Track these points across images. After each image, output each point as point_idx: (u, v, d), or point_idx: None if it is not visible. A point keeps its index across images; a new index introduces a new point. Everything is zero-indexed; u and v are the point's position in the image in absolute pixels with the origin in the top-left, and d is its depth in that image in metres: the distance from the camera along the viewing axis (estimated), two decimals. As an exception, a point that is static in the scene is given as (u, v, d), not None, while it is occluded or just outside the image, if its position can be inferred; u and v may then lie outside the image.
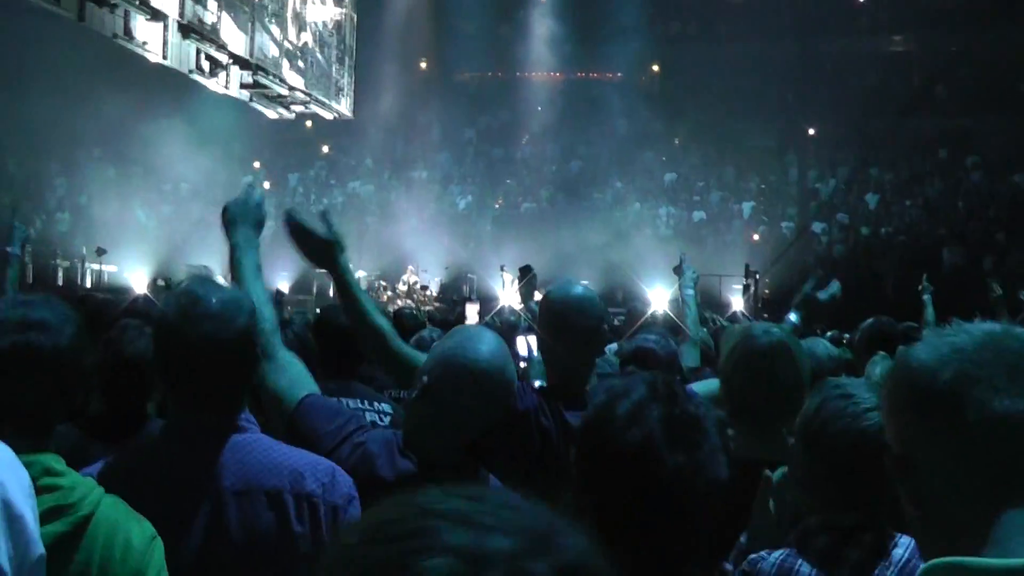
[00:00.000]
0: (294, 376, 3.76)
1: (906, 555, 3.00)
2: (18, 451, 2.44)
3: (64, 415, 2.91)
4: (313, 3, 27.03)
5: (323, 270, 4.40)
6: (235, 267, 3.99)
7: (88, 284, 28.10)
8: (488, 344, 3.53)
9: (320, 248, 4.29)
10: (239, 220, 4.06)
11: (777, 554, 3.08)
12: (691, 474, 2.19)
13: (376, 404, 5.35)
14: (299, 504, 3.12)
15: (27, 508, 2.34)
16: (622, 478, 2.20)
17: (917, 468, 1.81)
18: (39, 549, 2.35)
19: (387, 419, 5.34)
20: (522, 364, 6.74)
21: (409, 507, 1.08)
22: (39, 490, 2.47)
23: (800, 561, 3.04)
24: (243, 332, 3.18)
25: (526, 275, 9.49)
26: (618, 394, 2.32)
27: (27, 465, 2.45)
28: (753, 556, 3.09)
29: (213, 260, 20.32)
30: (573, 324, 4.47)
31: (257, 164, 38.72)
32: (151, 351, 3.40)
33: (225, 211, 4.10)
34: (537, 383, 4.91)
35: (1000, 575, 1.62)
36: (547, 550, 1.02)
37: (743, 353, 4.10)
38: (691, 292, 7.57)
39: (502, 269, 26.65)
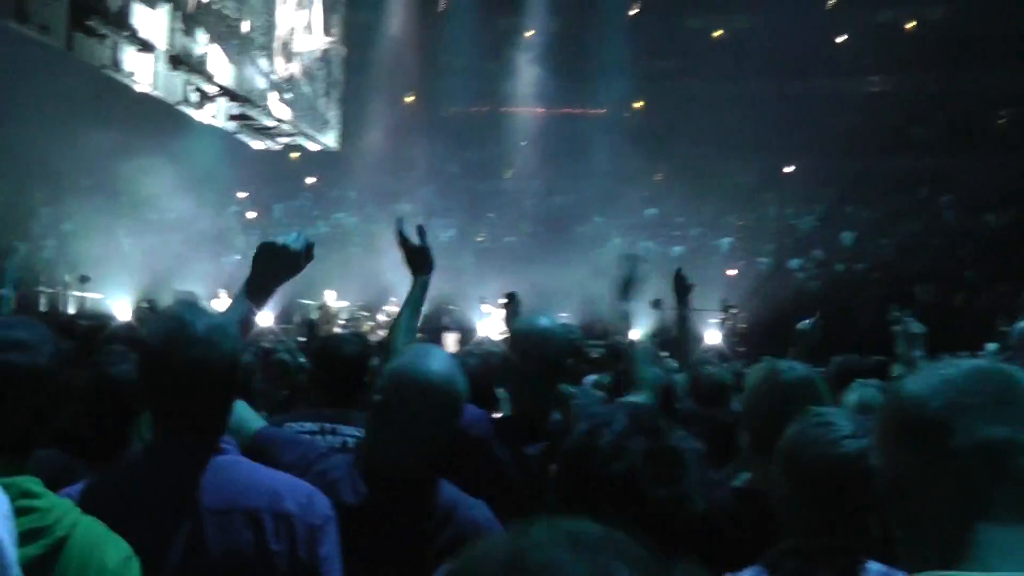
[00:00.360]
0: (240, 414, 3.75)
1: None
2: (-4, 473, 2.42)
3: (44, 437, 2.88)
4: (300, 34, 27.07)
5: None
6: (233, 302, 3.94)
7: (72, 311, 27.99)
8: (436, 359, 3.57)
9: (419, 258, 4.72)
10: (258, 267, 3.98)
11: (746, 573, 3.10)
12: (672, 507, 2.19)
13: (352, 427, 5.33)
14: (277, 523, 3.13)
15: (5, 532, 2.33)
16: (604, 506, 2.18)
17: (907, 491, 1.89)
18: (15, 572, 2.33)
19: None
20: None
21: (534, 540, 1.06)
22: (16, 512, 2.46)
23: None
24: (228, 357, 3.20)
25: (511, 302, 9.43)
26: (600, 423, 2.31)
27: (4, 487, 2.43)
28: None
29: (198, 285, 20.30)
30: (536, 355, 4.47)
31: (243, 194, 38.71)
32: (134, 374, 3.39)
33: (259, 246, 4.03)
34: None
35: None
36: (662, 573, 1.05)
37: (768, 388, 4.13)
38: (688, 313, 7.44)
39: (482, 301, 26.68)
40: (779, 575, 3.06)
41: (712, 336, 21.33)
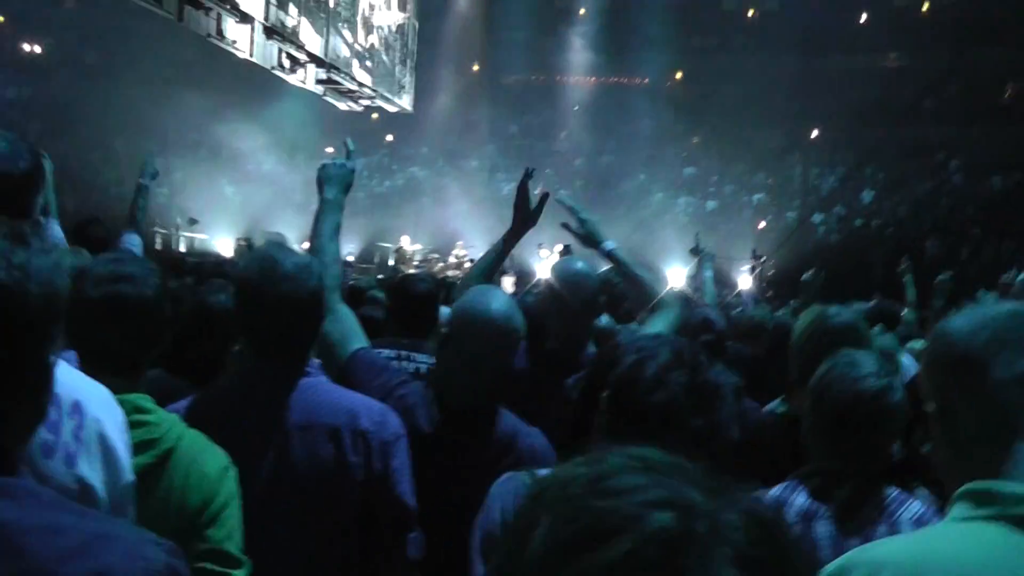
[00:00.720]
0: (347, 329, 3.82)
1: (887, 499, 3.08)
2: (112, 391, 2.42)
3: (151, 358, 2.89)
4: (379, 9, 27.00)
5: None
6: (317, 223, 4.01)
7: (182, 249, 28.28)
8: (497, 298, 3.55)
9: (524, 215, 4.73)
10: (332, 180, 4.10)
11: (776, 490, 3.15)
12: (709, 435, 2.18)
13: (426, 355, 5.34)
14: (355, 438, 3.17)
15: (120, 441, 2.35)
16: (646, 434, 2.16)
17: (953, 417, 1.93)
18: (129, 476, 2.35)
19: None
20: None
21: (610, 465, 1.04)
22: (130, 426, 2.48)
23: (795, 494, 3.11)
24: (314, 292, 3.22)
25: (566, 254, 9.44)
26: (646, 356, 2.29)
27: (120, 403, 2.44)
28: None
29: (288, 229, 20.44)
30: (571, 295, 4.45)
31: (330, 149, 38.82)
32: (230, 304, 3.40)
33: (322, 169, 4.13)
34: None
35: (1020, 499, 1.76)
36: (731, 500, 1.01)
37: (816, 329, 4.17)
38: (710, 275, 7.68)
39: (540, 247, 26.67)
40: (803, 491, 3.10)
41: (744, 281, 21.16)
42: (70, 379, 2.26)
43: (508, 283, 22.70)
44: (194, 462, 2.73)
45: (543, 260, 25.62)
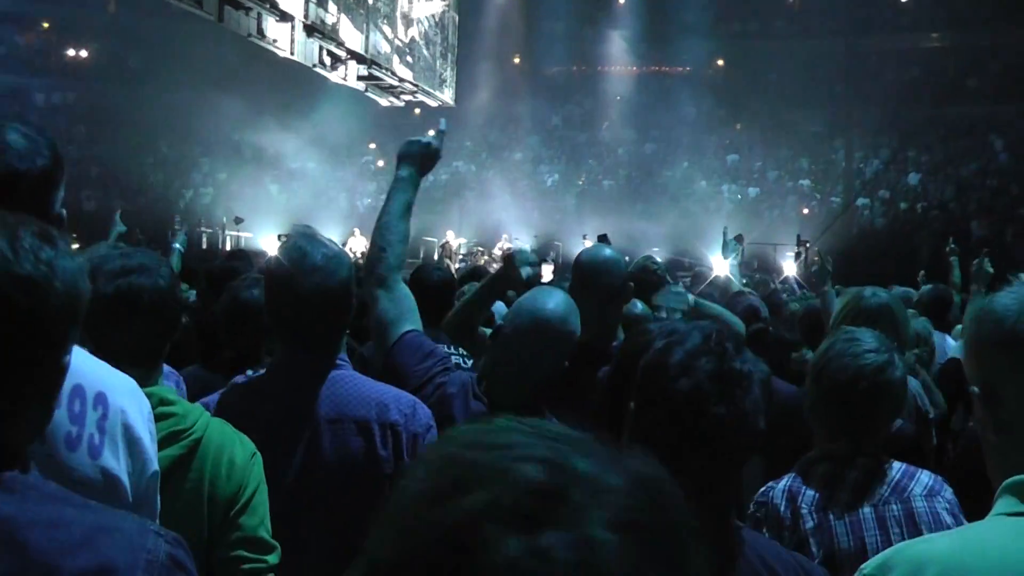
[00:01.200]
0: (403, 310, 3.78)
1: (897, 475, 3.07)
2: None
3: (167, 349, 2.88)
4: (418, 0, 27.02)
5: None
6: (388, 200, 3.97)
7: (227, 248, 28.43)
8: (555, 299, 3.51)
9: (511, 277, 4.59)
10: (411, 158, 4.07)
11: (784, 481, 3.12)
12: (733, 425, 2.14)
13: (460, 348, 5.35)
14: (384, 431, 3.13)
15: (145, 432, 2.34)
16: (671, 421, 2.14)
17: (999, 400, 1.85)
18: (154, 467, 2.35)
19: (469, 362, 5.32)
20: None
21: (498, 426, 1.02)
22: (157, 418, 2.48)
23: (804, 484, 3.08)
24: (344, 283, 3.18)
25: (603, 242, 9.37)
26: (674, 342, 2.25)
27: (146, 396, 2.44)
28: (763, 488, 3.14)
29: (333, 224, 20.49)
30: (600, 283, 4.36)
31: (372, 145, 38.91)
32: (263, 298, 3.39)
33: (404, 145, 4.11)
34: None
35: None
36: (618, 465, 0.97)
37: (852, 309, 4.20)
38: (734, 262, 7.82)
39: (584, 238, 26.62)
40: (812, 480, 3.08)
41: (788, 267, 21.04)
42: (94, 369, 2.26)
43: (547, 271, 22.67)
44: (222, 450, 2.73)
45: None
